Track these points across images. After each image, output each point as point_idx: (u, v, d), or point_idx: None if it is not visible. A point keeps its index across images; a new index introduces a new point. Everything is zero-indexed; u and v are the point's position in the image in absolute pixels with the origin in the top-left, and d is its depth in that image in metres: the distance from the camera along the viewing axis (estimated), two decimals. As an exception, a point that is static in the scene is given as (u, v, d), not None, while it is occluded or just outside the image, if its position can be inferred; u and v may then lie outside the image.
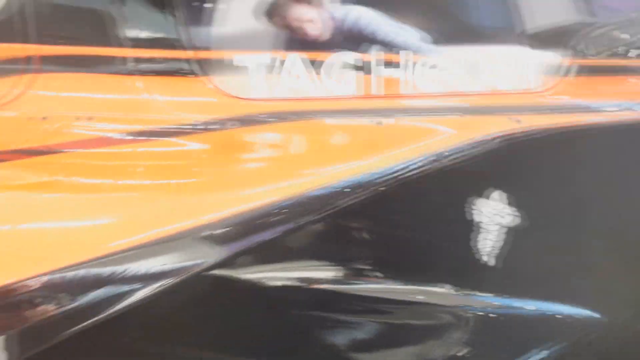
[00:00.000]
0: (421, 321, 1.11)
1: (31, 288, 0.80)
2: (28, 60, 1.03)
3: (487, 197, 1.04)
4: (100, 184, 0.97)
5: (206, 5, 1.03)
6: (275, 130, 1.00)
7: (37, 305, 0.81)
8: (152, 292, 0.85)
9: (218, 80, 1.01)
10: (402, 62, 1.02)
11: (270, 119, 1.00)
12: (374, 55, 1.02)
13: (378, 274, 1.07)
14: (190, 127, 1.00)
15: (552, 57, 1.07)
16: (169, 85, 1.01)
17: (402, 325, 1.11)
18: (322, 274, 1.04)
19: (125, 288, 0.85)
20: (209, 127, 1.00)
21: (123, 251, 0.85)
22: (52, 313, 0.81)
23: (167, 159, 1.00)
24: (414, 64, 1.03)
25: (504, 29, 1.13)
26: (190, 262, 0.87)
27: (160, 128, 0.99)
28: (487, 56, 1.06)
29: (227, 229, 0.89)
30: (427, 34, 1.06)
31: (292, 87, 1.02)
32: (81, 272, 0.83)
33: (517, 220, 1.06)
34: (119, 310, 0.84)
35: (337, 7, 1.05)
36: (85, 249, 0.84)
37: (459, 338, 1.11)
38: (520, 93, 1.05)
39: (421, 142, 0.97)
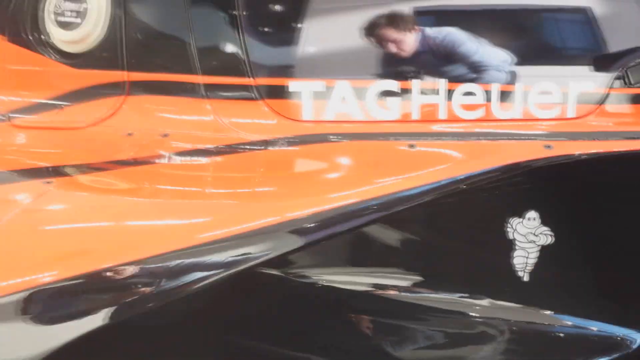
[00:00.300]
0: (460, 330, 1.19)
1: (128, 271, 0.96)
2: (120, 84, 1.22)
3: (521, 217, 1.10)
4: (180, 190, 1.13)
5: (268, 39, 1.18)
6: (322, 149, 1.12)
7: (133, 285, 0.95)
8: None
9: (275, 103, 1.15)
10: (440, 90, 1.11)
11: (318, 139, 1.12)
12: (414, 83, 1.11)
13: (419, 284, 1.15)
14: (251, 144, 1.15)
15: (592, 84, 1.10)
16: (232, 107, 1.17)
17: (440, 332, 1.20)
18: (369, 280, 1.15)
19: (207, 273, 0.97)
20: (268, 145, 1.14)
21: (209, 243, 0.94)
22: (145, 292, 0.96)
23: (235, 171, 1.15)
24: (451, 91, 1.11)
25: (579, 53, 1.16)
26: (269, 252, 0.96)
27: (225, 145, 1.14)
28: (529, 82, 1.11)
29: (310, 224, 0.97)
30: (510, 54, 1.13)
31: (339, 110, 1.13)
32: (171, 259, 0.98)
33: (551, 240, 1.11)
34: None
35: (429, 28, 1.14)
36: (174, 241, 0.97)
37: (494, 348, 1.18)
38: (554, 119, 1.09)
39: (452, 164, 1.05)
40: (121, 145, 1.17)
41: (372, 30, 1.14)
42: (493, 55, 1.13)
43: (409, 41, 1.14)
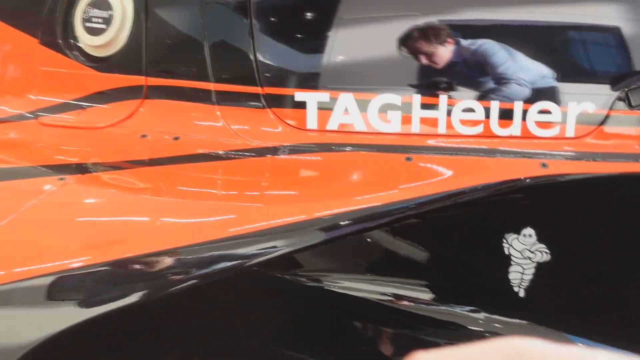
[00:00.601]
0: (455, 342, 1.20)
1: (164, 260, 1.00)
2: (139, 88, 1.29)
3: (518, 233, 1.11)
4: (186, 190, 1.18)
5: (276, 49, 1.23)
6: (324, 157, 1.16)
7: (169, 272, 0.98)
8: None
9: (281, 112, 1.20)
10: (440, 104, 1.13)
11: (319, 148, 1.17)
12: (414, 97, 1.14)
13: (412, 294, 1.18)
14: (256, 150, 1.20)
15: (592, 104, 1.11)
16: (241, 114, 1.22)
17: (435, 343, 1.21)
18: (361, 286, 1.18)
19: (235, 262, 0.97)
20: (272, 152, 1.19)
21: (237, 237, 0.97)
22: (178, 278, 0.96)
23: (240, 175, 1.20)
24: (452, 106, 1.13)
25: (584, 71, 1.17)
26: (296, 246, 0.99)
27: (231, 150, 1.20)
28: (531, 99, 1.12)
29: (339, 221, 1.00)
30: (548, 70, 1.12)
31: (342, 121, 1.17)
32: (199, 250, 0.97)
33: (548, 257, 1.12)
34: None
35: (467, 40, 1.15)
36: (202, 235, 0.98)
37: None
38: (552, 138, 1.10)
39: (446, 178, 1.07)
40: (135, 146, 1.24)
41: (404, 41, 1.16)
42: (519, 69, 1.13)
43: (441, 54, 1.15)
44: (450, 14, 1.17)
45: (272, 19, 1.24)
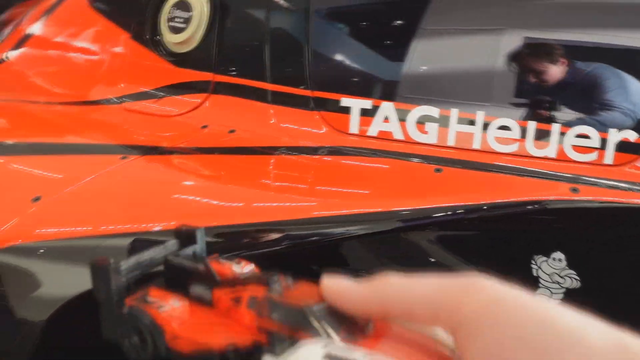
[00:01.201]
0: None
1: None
2: (207, 83, 1.43)
3: (546, 256, 1.10)
4: (234, 177, 1.27)
5: (329, 56, 1.31)
6: (363, 161, 1.22)
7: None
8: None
9: (327, 115, 1.27)
10: (477, 120, 1.15)
11: (360, 152, 1.23)
12: (452, 111, 1.16)
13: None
14: (300, 148, 1.28)
15: (635, 132, 1.07)
16: (290, 114, 1.31)
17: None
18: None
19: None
20: (313, 151, 1.27)
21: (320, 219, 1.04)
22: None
23: (282, 169, 1.28)
24: (489, 122, 1.14)
25: None
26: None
27: (279, 146, 1.29)
28: (573, 122, 1.11)
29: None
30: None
31: (382, 129, 1.22)
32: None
33: (577, 283, 1.10)
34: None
35: (584, 62, 1.13)
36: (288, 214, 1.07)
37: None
38: (587, 163, 1.08)
39: (471, 193, 1.09)
40: (197, 135, 1.37)
41: (513, 56, 1.16)
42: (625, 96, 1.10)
43: (553, 73, 1.14)
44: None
45: (328, 28, 1.31)
